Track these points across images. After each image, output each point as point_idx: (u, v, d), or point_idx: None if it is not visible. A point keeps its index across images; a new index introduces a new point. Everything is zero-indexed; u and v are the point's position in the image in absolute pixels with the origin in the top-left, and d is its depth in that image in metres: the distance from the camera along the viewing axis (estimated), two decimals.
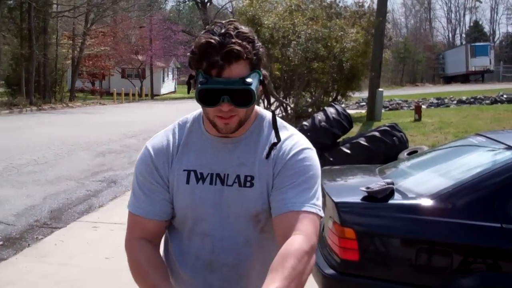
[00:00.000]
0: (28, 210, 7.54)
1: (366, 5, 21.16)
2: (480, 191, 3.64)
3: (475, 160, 4.24)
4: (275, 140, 1.79)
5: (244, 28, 1.68)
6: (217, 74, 1.61)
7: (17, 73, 31.60)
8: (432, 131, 13.17)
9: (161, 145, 1.83)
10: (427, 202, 3.58)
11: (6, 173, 9.89)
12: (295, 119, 14.94)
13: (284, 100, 16.54)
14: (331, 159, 8.61)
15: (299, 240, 1.61)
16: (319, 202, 1.74)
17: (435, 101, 24.43)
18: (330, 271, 3.71)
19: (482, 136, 4.60)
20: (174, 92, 57.38)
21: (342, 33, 15.82)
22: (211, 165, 1.79)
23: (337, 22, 16.13)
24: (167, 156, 1.81)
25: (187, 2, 67.00)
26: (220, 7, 63.45)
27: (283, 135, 1.82)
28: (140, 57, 47.40)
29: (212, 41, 1.61)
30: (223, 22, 1.68)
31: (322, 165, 2.02)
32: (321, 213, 1.73)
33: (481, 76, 46.09)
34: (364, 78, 19.47)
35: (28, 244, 6.13)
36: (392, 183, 3.82)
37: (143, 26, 49.11)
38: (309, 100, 17.77)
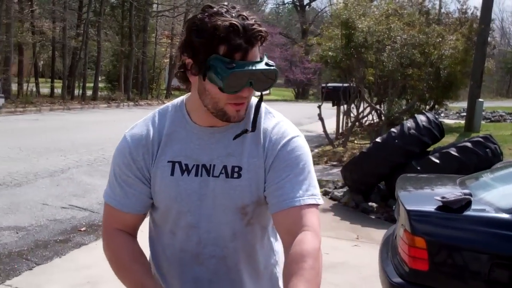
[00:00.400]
0: None
1: (469, 11, 20.47)
2: None
3: None
4: (249, 129, 1.69)
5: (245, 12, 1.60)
6: (241, 57, 1.53)
7: (117, 69, 32.95)
8: None
9: (141, 136, 1.73)
10: (504, 216, 3.38)
11: (97, 164, 10.32)
12: (386, 126, 14.63)
13: (376, 106, 16.25)
14: (418, 168, 8.33)
15: (310, 237, 1.57)
16: (316, 190, 1.70)
17: None
18: (398, 279, 3.59)
19: None
20: (268, 94, 57.69)
21: (440, 39, 15.34)
22: (197, 156, 1.70)
23: (435, 28, 15.65)
24: (147, 147, 1.72)
25: (287, 4, 67.32)
26: (319, 10, 63.34)
27: (270, 122, 1.75)
28: None
29: (236, 23, 1.51)
30: (223, 4, 1.59)
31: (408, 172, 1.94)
32: (320, 201, 1.69)
33: None
34: (463, 87, 18.82)
35: None
36: (470, 194, 3.64)
37: None
38: (404, 107, 17.36)
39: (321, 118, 13.78)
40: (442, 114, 30.11)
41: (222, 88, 1.54)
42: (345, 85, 15.50)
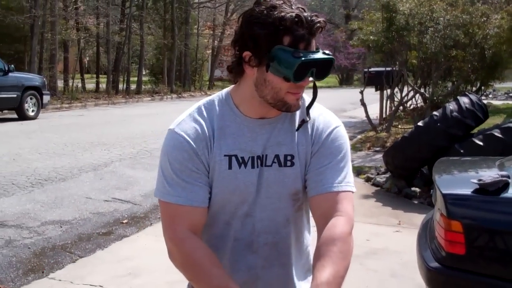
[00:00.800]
0: None
1: None
2: None
3: None
4: (307, 119, 1.79)
5: None
6: (305, 47, 1.60)
7: (160, 62, 33.27)
8: None
9: (196, 130, 1.74)
10: None
11: (140, 156, 10.46)
12: (431, 110, 14.36)
13: (419, 89, 15.95)
14: (461, 151, 8.15)
15: (342, 222, 1.67)
16: (352, 178, 1.80)
17: None
18: (434, 264, 3.52)
19: None
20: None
21: (485, 19, 14.94)
22: (250, 147, 1.75)
23: (479, 8, 15.24)
24: (205, 141, 1.73)
25: None
26: None
27: (315, 112, 1.83)
28: None
29: (300, 14, 1.58)
30: None
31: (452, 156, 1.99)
32: (354, 189, 1.78)
33: None
34: (511, 67, 18.31)
35: (151, 223, 6.44)
36: (508, 176, 3.54)
37: None
38: (449, 89, 17.01)
39: (363, 104, 13.64)
40: (490, 95, 29.43)
41: (288, 77, 1.60)
42: (388, 69, 15.26)
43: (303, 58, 1.57)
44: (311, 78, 1.64)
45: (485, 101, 13.22)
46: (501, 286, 3.33)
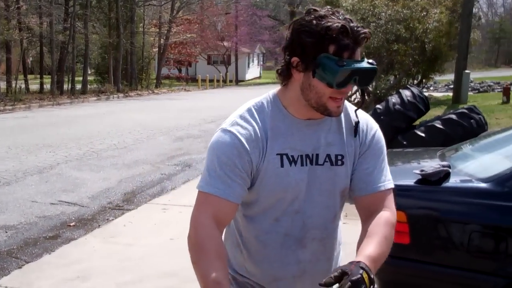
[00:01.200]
0: (102, 192, 7.83)
1: None
2: None
3: None
4: (355, 119, 1.91)
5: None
6: (349, 56, 1.68)
7: (105, 61, 32.80)
8: None
9: (248, 131, 1.82)
10: (482, 186, 3.40)
11: (86, 158, 10.30)
12: (374, 103, 14.64)
13: None
14: (404, 142, 8.38)
15: (389, 214, 1.87)
16: (390, 175, 1.96)
17: None
18: None
19: None
20: (259, 77, 57.68)
21: (424, 13, 15.33)
22: (300, 147, 1.85)
23: (419, 2, 15.63)
24: (257, 143, 1.82)
25: None
26: None
27: (357, 115, 1.94)
28: (225, 44, 47.92)
29: (345, 25, 1.66)
30: (327, 8, 1.76)
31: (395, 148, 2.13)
32: (393, 184, 1.95)
33: None
34: (450, 59, 18.81)
35: (99, 225, 6.36)
36: (449, 166, 3.66)
37: (229, 13, 49.61)
38: (391, 83, 17.37)
39: None
40: (431, 88, 30.18)
41: (331, 84, 1.69)
42: None
43: (345, 67, 1.65)
44: (355, 88, 1.76)
45: (426, 94, 13.60)
46: (444, 273, 3.44)
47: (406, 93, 9.27)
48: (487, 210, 3.38)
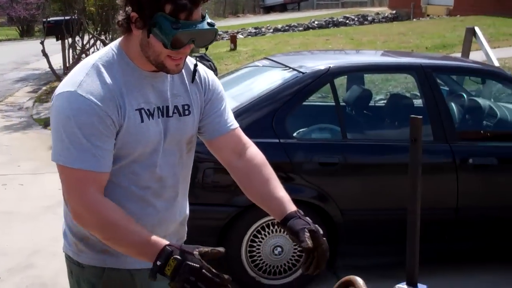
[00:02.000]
0: None
1: None
2: (260, 111, 3.97)
3: (258, 82, 4.55)
4: (193, 65, 1.94)
5: None
6: (186, 17, 1.65)
7: None
8: (245, 59, 13.63)
9: (100, 90, 1.74)
10: None
11: None
12: None
13: (99, 36, 16.09)
14: None
15: (257, 150, 2.03)
16: None
17: (253, 30, 25.03)
18: None
19: (267, 60, 4.91)
20: None
21: None
22: (153, 99, 1.85)
23: None
24: (114, 101, 1.75)
25: None
26: None
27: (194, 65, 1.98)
28: None
29: None
30: None
31: None
32: None
33: (297, 4, 47.65)
34: None
35: None
36: None
37: None
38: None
39: (45, 54, 13.30)
40: None
41: (167, 46, 1.68)
42: (67, 18, 15.04)
43: (180, 30, 1.64)
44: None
45: None
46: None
47: None
48: None
